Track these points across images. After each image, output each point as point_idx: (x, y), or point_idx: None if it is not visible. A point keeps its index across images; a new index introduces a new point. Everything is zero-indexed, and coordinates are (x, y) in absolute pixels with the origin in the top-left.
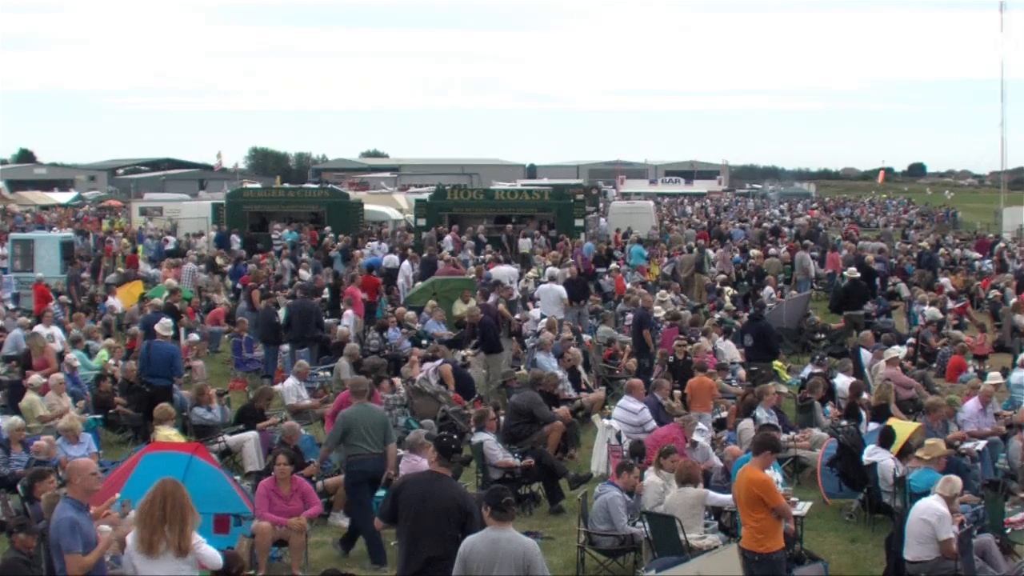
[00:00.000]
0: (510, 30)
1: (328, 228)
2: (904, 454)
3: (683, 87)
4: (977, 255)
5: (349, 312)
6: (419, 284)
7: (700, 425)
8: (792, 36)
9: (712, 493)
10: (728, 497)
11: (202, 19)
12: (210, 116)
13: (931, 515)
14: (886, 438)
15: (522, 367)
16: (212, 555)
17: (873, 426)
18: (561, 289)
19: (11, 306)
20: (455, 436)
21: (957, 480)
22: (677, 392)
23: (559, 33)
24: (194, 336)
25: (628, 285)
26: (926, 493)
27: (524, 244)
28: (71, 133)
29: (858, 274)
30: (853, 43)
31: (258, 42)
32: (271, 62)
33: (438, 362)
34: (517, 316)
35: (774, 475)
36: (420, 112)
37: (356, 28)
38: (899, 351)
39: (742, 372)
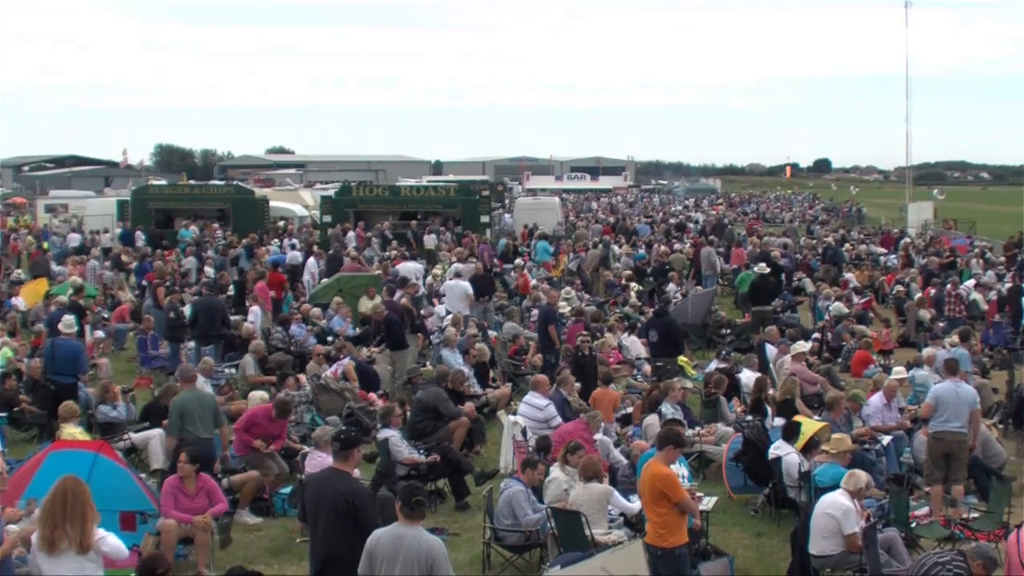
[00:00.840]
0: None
1: (216, 226)
2: (809, 449)
3: (589, 83)
4: (882, 250)
5: (255, 308)
6: (325, 281)
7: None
8: (699, 32)
9: (617, 495)
10: (632, 504)
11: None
12: (116, 113)
13: (836, 510)
14: (790, 432)
15: (427, 363)
16: (117, 547)
17: (778, 421)
18: (467, 285)
19: None
20: (352, 431)
21: (862, 474)
22: (578, 385)
23: (466, 29)
24: (99, 333)
25: (533, 281)
26: (831, 488)
27: (429, 240)
28: None
29: (768, 269)
30: (758, 39)
31: (163, 38)
32: (177, 59)
33: (344, 360)
34: (423, 312)
35: (680, 470)
36: (326, 109)
37: (263, 25)
38: (804, 346)
39: (647, 367)
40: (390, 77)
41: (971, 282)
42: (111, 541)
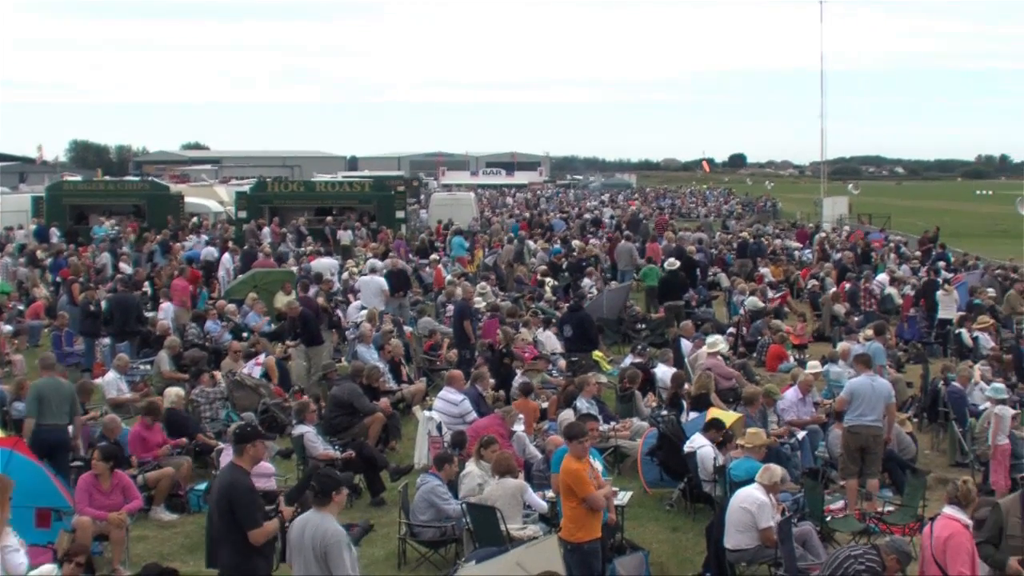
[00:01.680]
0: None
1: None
2: (724, 443)
3: (504, 79)
4: (797, 245)
5: (166, 305)
6: (240, 277)
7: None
8: (613, 27)
9: (531, 491)
10: (542, 502)
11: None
12: (30, 109)
13: (751, 504)
14: (715, 426)
15: (343, 359)
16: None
17: (693, 415)
18: (382, 281)
19: None
20: (249, 426)
21: (777, 468)
22: (491, 381)
23: (382, 25)
24: (7, 328)
25: (449, 276)
26: (746, 482)
27: (344, 236)
28: None
29: (677, 265)
30: (673, 34)
31: (78, 34)
32: (92, 55)
33: (261, 356)
34: (337, 308)
35: (596, 464)
36: (241, 104)
37: (177, 19)
38: (720, 342)
39: (562, 362)
40: (305, 72)
41: (884, 276)
42: (12, 557)
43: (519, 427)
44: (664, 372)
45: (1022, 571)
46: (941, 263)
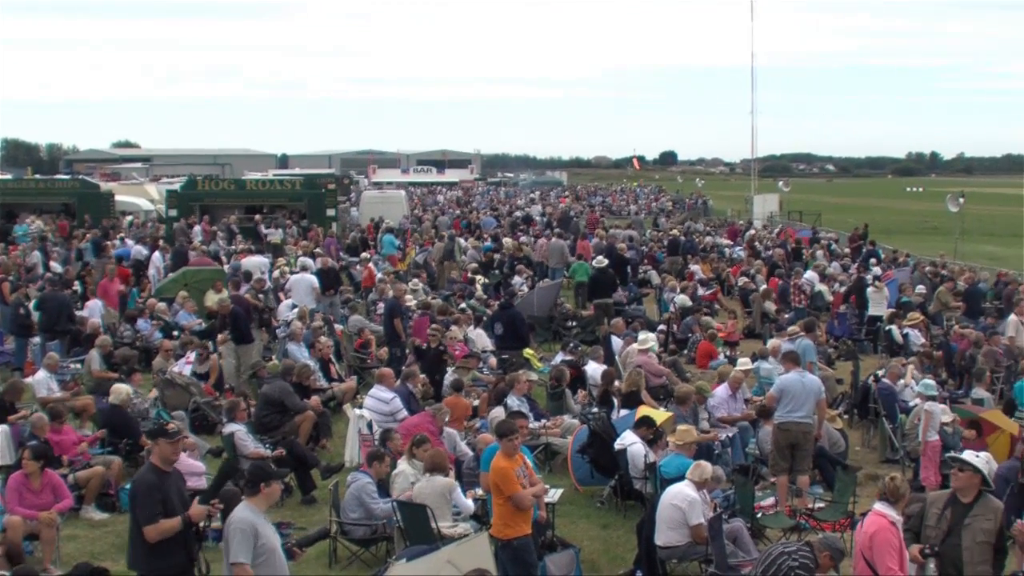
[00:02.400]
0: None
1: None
2: (655, 440)
3: (435, 76)
4: (728, 242)
5: (94, 302)
6: (170, 275)
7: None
8: (545, 24)
9: (459, 491)
10: (469, 503)
11: None
12: None
13: (681, 500)
14: (645, 424)
15: (273, 357)
16: None
17: (624, 413)
18: (313, 279)
19: None
20: (161, 423)
21: (707, 465)
22: (422, 377)
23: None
24: None
25: (379, 275)
26: (677, 479)
27: (275, 234)
28: None
29: (606, 263)
30: (606, 31)
31: (7, 33)
32: (20, 53)
33: (191, 355)
34: (268, 306)
35: (528, 461)
36: (172, 102)
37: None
38: (650, 339)
39: (493, 360)
40: (236, 69)
41: (812, 274)
42: None
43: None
44: (594, 369)
45: (921, 559)
46: (872, 260)
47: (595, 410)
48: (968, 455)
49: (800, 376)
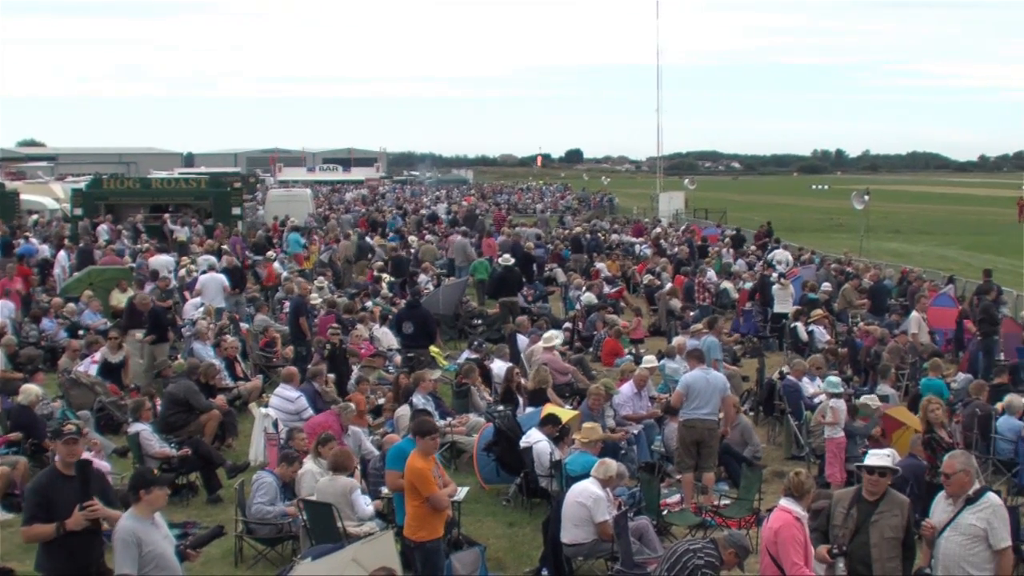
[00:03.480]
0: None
1: None
2: (561, 438)
3: (341, 74)
4: (633, 240)
5: (3, 302)
6: (76, 274)
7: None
8: (452, 22)
9: (358, 493)
10: (368, 508)
11: None
12: None
13: (587, 498)
14: (551, 421)
15: (179, 356)
16: None
17: (530, 410)
18: (222, 278)
19: None
20: (61, 426)
21: (612, 463)
22: (332, 376)
23: (214, 20)
24: None
25: (285, 273)
26: (583, 476)
27: (181, 233)
28: None
29: (511, 261)
30: (510, 30)
31: None
32: None
33: (97, 354)
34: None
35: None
36: (77, 101)
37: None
38: (556, 337)
39: (398, 358)
40: (141, 68)
41: (711, 274)
42: None
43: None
44: (500, 367)
45: (829, 559)
46: (776, 255)
47: (500, 408)
48: (873, 455)
49: (705, 373)
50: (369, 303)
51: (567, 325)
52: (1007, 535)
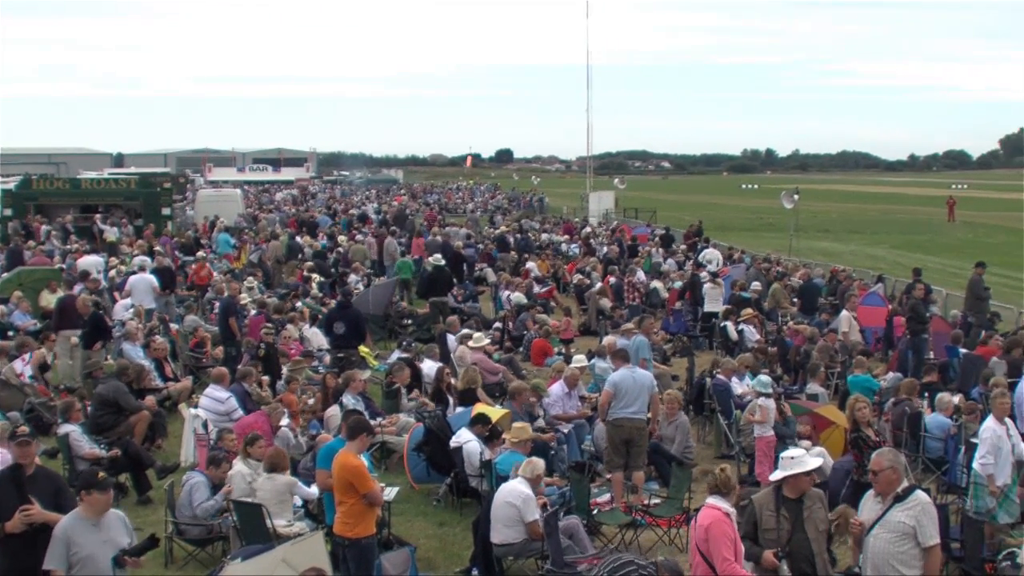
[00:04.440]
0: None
1: None
2: (491, 438)
3: (270, 74)
4: (563, 239)
5: None
6: (4, 275)
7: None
8: (379, 21)
9: (301, 484)
10: (313, 490)
11: None
12: None
13: (516, 498)
14: (481, 421)
15: (108, 357)
16: None
17: (460, 410)
18: (152, 278)
19: None
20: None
21: (539, 462)
22: (265, 379)
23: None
24: None
25: (216, 274)
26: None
27: (110, 233)
28: None
29: (442, 261)
30: (439, 29)
31: None
32: None
33: (27, 355)
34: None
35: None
36: (5, 101)
37: None
38: (481, 337)
39: (328, 358)
40: (70, 68)
41: (641, 274)
42: None
43: (285, 420)
44: (430, 367)
45: (776, 563)
46: (706, 253)
47: (430, 407)
48: (798, 452)
49: (631, 372)
50: (299, 303)
51: (497, 325)
52: (935, 533)
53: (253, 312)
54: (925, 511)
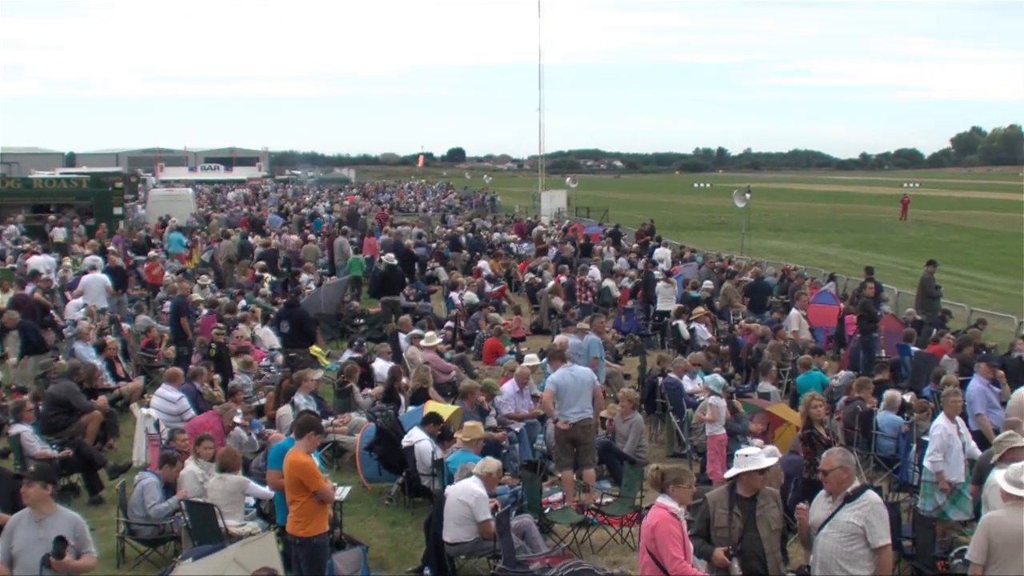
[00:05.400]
0: (38, 16)
1: None
2: (443, 437)
3: (222, 73)
4: (515, 238)
5: None
6: None
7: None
8: (331, 20)
9: (253, 483)
10: (266, 489)
11: None
12: None
13: (468, 497)
14: (433, 420)
15: (60, 357)
16: None
17: (411, 409)
18: (105, 278)
19: None
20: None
21: (493, 462)
22: (217, 378)
23: (92, 19)
24: None
25: (167, 274)
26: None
27: (59, 233)
28: None
29: (395, 261)
30: (392, 28)
31: None
32: None
33: None
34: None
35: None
36: None
37: None
38: (432, 336)
39: (280, 358)
40: (21, 67)
41: (594, 272)
42: None
43: (239, 419)
44: (382, 366)
45: (727, 561)
46: (658, 253)
47: (382, 407)
48: (752, 451)
49: (569, 370)
50: (243, 302)
51: (449, 324)
52: (885, 533)
53: (205, 312)
54: (874, 511)
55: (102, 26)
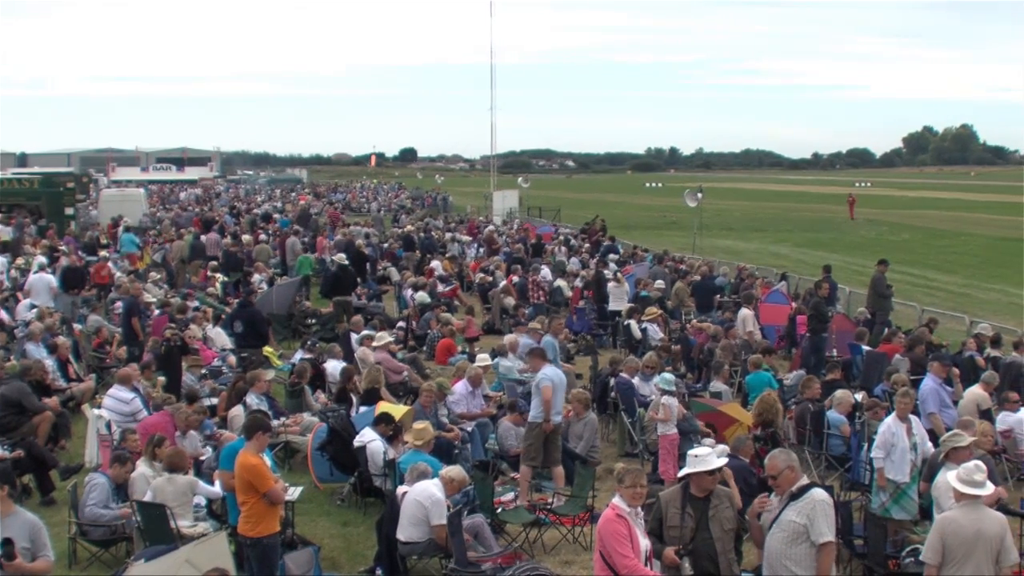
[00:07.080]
0: None
1: None
2: (394, 437)
3: (174, 73)
4: (467, 238)
5: None
6: None
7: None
8: (283, 20)
9: (202, 484)
10: (216, 488)
11: None
12: None
13: (426, 499)
14: (384, 420)
15: (11, 358)
16: None
17: (363, 409)
18: (51, 278)
19: None
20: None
21: (460, 471)
22: (161, 379)
23: (45, 18)
24: None
25: (119, 274)
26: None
27: (5, 232)
28: None
29: (346, 260)
30: (344, 28)
31: None
32: None
33: None
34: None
35: (266, 459)
36: None
37: None
38: (383, 336)
39: (232, 358)
40: None
41: (546, 271)
42: None
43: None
44: (334, 367)
45: (677, 560)
46: (611, 255)
47: (334, 407)
48: (704, 451)
49: (555, 369)
50: (195, 303)
51: (401, 324)
52: (827, 530)
53: (157, 312)
54: (817, 508)
55: (54, 26)
